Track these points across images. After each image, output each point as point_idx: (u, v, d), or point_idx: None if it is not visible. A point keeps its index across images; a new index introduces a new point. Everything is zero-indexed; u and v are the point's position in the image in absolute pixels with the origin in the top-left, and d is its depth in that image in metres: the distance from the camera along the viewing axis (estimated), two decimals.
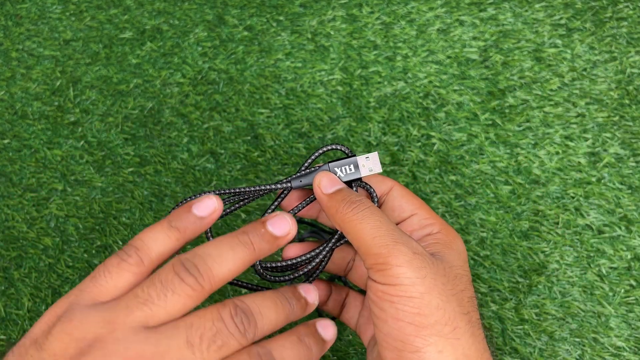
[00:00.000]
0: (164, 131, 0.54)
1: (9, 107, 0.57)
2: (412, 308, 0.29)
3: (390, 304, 0.29)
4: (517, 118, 0.52)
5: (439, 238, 0.33)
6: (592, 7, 0.56)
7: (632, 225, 0.49)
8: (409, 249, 0.29)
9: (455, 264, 0.31)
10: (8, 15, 0.60)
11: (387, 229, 0.30)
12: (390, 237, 0.30)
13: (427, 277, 0.29)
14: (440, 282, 0.29)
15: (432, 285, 0.29)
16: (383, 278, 0.29)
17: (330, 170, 0.34)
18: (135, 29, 0.58)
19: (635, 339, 0.46)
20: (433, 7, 0.57)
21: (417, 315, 0.28)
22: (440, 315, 0.29)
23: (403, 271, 0.29)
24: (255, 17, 0.58)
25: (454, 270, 0.31)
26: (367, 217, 0.31)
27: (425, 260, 0.30)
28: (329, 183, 0.33)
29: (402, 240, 0.30)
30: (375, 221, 0.30)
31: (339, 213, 0.32)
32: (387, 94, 0.54)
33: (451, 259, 0.31)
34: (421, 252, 0.30)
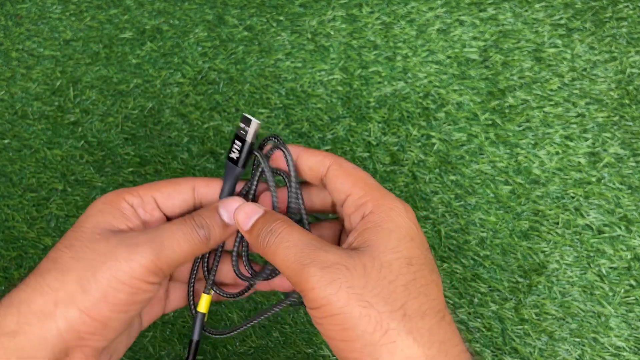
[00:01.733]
0: (164, 131, 0.54)
1: (9, 107, 0.57)
2: (337, 325, 0.27)
3: (321, 326, 0.28)
4: (517, 118, 0.52)
5: (369, 221, 0.30)
6: (592, 7, 0.56)
7: (632, 225, 0.49)
8: (317, 267, 0.27)
9: (384, 249, 0.28)
10: (8, 15, 0.60)
11: (295, 252, 0.29)
12: (298, 261, 0.28)
13: (341, 288, 0.27)
14: (358, 286, 0.27)
15: (348, 295, 0.27)
16: (307, 303, 0.28)
17: (239, 163, 0.35)
18: (135, 29, 0.59)
19: (635, 338, 0.46)
20: (433, 7, 0.57)
21: (344, 331, 0.27)
22: (366, 322, 0.27)
23: (316, 293, 0.27)
24: (255, 17, 0.58)
25: (380, 260, 0.28)
26: (278, 245, 0.29)
27: (337, 270, 0.27)
28: (245, 219, 0.32)
29: (310, 259, 0.28)
30: (284, 248, 0.29)
31: (259, 249, 0.31)
32: (387, 94, 0.54)
33: (379, 244, 0.28)
34: (332, 263, 0.28)
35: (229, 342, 0.48)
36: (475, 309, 0.47)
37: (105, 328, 0.30)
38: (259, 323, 0.48)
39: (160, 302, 0.37)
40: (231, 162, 0.35)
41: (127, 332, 0.35)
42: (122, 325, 0.31)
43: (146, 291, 0.31)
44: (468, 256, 0.49)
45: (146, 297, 0.31)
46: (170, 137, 0.54)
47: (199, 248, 0.32)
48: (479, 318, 0.47)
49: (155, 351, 0.48)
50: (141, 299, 0.31)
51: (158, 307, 0.37)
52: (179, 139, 0.54)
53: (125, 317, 0.31)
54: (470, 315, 0.47)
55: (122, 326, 0.31)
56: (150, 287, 0.31)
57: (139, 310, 0.32)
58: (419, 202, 0.50)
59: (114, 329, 0.31)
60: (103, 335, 0.30)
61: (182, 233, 0.32)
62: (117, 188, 0.52)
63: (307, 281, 0.27)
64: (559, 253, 0.48)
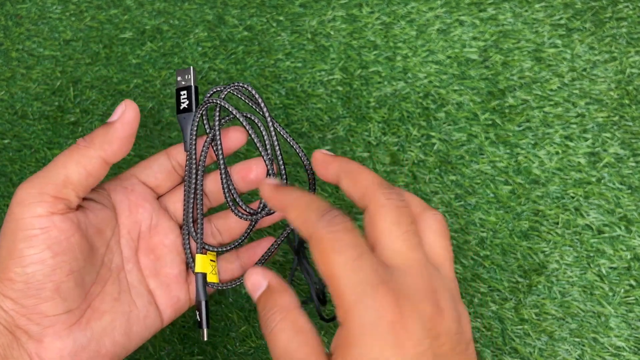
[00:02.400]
0: (164, 131, 0.54)
1: (9, 107, 0.57)
2: None
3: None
4: (517, 118, 0.52)
5: (338, 336, 0.26)
6: (592, 7, 0.56)
7: (632, 225, 0.49)
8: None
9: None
10: (8, 15, 0.61)
11: (287, 348, 0.27)
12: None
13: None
14: None
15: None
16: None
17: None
18: (136, 29, 0.59)
19: (635, 339, 0.46)
20: (433, 7, 0.57)
21: None
22: None
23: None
24: (255, 17, 0.58)
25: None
26: (278, 333, 0.28)
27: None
28: (253, 285, 0.31)
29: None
30: (282, 338, 0.27)
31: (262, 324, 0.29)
32: (387, 94, 0.54)
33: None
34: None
35: (229, 342, 0.48)
36: (475, 309, 0.47)
37: (31, 288, 0.29)
38: (259, 323, 0.48)
39: (181, 288, 0.36)
40: (183, 112, 0.36)
41: (122, 314, 0.33)
42: (61, 279, 0.30)
43: (45, 228, 0.30)
44: (468, 256, 0.49)
45: (54, 235, 0.30)
46: (170, 137, 0.54)
47: (84, 157, 0.32)
48: (478, 318, 0.47)
49: (155, 351, 0.48)
50: (50, 237, 0.30)
51: (180, 294, 0.36)
52: (179, 139, 0.54)
53: (46, 269, 0.30)
54: (470, 315, 0.47)
55: (64, 281, 0.30)
56: (44, 220, 0.30)
57: (70, 257, 0.30)
58: None
59: (52, 288, 0.30)
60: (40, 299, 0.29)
61: (62, 154, 0.32)
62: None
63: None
64: (558, 253, 0.48)
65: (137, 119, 0.34)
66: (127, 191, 0.36)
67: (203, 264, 0.36)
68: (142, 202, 0.36)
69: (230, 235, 0.39)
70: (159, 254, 0.36)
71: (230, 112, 0.36)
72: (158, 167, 0.37)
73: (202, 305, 0.36)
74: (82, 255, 0.31)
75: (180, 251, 0.37)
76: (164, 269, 0.36)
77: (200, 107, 0.36)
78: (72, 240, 0.31)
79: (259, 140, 0.36)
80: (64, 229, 0.30)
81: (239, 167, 0.37)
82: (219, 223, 0.39)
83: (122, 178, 0.37)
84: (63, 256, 0.30)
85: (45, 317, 0.30)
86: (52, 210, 0.30)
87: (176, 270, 0.37)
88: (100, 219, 0.34)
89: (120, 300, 0.34)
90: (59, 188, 0.31)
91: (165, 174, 0.37)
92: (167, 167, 0.37)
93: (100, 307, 0.33)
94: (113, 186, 0.36)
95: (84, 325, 0.32)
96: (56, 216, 0.30)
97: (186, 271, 0.37)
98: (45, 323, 0.30)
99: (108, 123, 0.33)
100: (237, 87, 0.36)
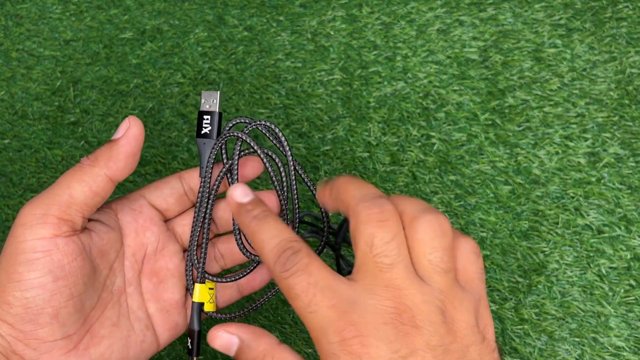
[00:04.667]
0: (164, 131, 0.54)
1: (9, 107, 0.57)
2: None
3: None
4: (516, 118, 0.52)
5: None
6: (592, 7, 0.56)
7: (631, 225, 0.49)
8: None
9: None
10: (8, 16, 0.61)
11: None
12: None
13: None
14: None
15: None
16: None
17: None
18: (136, 29, 0.59)
19: (634, 338, 0.46)
20: (433, 7, 0.57)
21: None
22: None
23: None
24: (255, 18, 0.58)
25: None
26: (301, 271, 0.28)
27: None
28: (225, 347, 0.32)
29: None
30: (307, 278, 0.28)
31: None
32: (387, 94, 0.54)
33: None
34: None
35: None
36: None
37: (31, 314, 0.28)
38: (259, 323, 0.49)
39: (180, 313, 0.36)
40: (204, 137, 0.36)
41: (120, 339, 0.33)
42: (60, 305, 0.29)
43: (48, 251, 0.29)
44: None
45: (58, 258, 0.29)
46: (170, 137, 0.54)
47: (88, 176, 0.31)
48: None
49: None
50: (52, 262, 0.29)
51: (178, 319, 0.36)
52: (179, 139, 0.54)
53: (46, 295, 0.29)
54: None
55: (62, 307, 0.29)
56: (47, 243, 0.29)
57: (69, 282, 0.30)
58: None
59: (50, 313, 0.29)
60: (37, 325, 0.29)
61: (66, 174, 0.31)
62: (117, 188, 0.52)
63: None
64: (558, 253, 0.48)
65: (142, 134, 0.33)
66: (136, 213, 0.35)
67: (202, 293, 0.36)
68: (149, 225, 0.35)
69: (233, 260, 0.39)
70: (162, 277, 0.36)
71: (252, 147, 0.35)
72: (170, 191, 0.36)
73: (195, 334, 0.36)
74: (84, 279, 0.31)
75: (183, 276, 0.37)
76: (165, 294, 0.36)
77: (221, 138, 0.35)
78: (74, 264, 0.30)
79: (277, 179, 0.36)
80: (67, 252, 0.30)
81: None
82: (222, 247, 0.38)
83: (130, 199, 0.36)
84: (64, 280, 0.29)
85: (43, 342, 0.29)
86: (56, 233, 0.29)
87: (177, 296, 0.36)
88: (106, 241, 0.33)
89: (119, 325, 0.33)
90: (64, 209, 0.30)
91: (176, 197, 0.36)
92: (179, 190, 0.36)
93: (99, 332, 0.32)
94: (120, 207, 0.35)
95: (82, 352, 0.31)
96: (60, 239, 0.29)
97: (185, 296, 0.37)
98: (43, 349, 0.29)
99: (112, 140, 0.33)
100: (263, 126, 0.35)
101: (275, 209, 0.36)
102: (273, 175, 0.36)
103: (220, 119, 0.36)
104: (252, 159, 0.37)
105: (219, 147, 0.36)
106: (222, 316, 0.38)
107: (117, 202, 0.35)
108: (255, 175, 0.37)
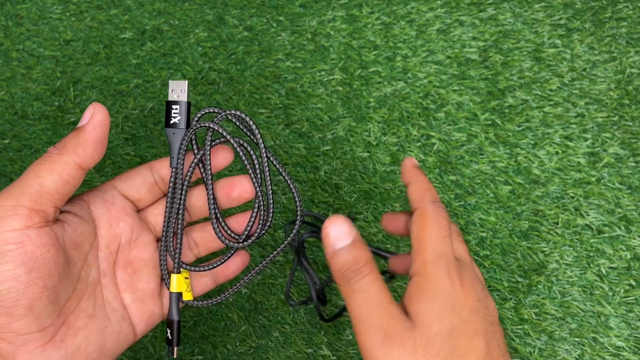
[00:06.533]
0: (164, 131, 0.55)
1: (10, 107, 0.57)
2: None
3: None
4: (516, 118, 0.52)
5: (414, 283, 0.31)
6: (592, 7, 0.56)
7: (631, 225, 0.49)
8: (381, 335, 0.29)
9: (429, 321, 0.29)
10: (8, 16, 0.61)
11: (368, 308, 0.30)
12: (368, 318, 0.30)
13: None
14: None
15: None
16: (362, 353, 0.30)
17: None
18: (136, 29, 0.59)
19: (634, 338, 0.46)
20: (433, 7, 0.57)
21: None
22: None
23: (373, 356, 0.29)
24: (255, 18, 0.58)
25: (427, 335, 0.29)
26: (358, 290, 0.31)
27: (394, 342, 0.29)
28: (337, 237, 0.33)
29: (378, 323, 0.29)
30: (363, 298, 0.30)
31: (340, 280, 0.32)
32: (387, 94, 0.54)
33: (424, 315, 0.29)
34: (393, 334, 0.29)
35: (229, 342, 0.48)
36: None
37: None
38: (259, 323, 0.49)
39: (155, 302, 0.36)
40: (173, 127, 0.36)
41: (96, 331, 0.33)
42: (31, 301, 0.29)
43: (20, 242, 0.29)
44: None
45: (29, 250, 0.29)
46: None
47: (57, 164, 0.31)
48: None
49: (155, 351, 0.48)
50: (26, 255, 0.29)
51: (154, 308, 0.36)
52: None
53: (20, 287, 0.28)
54: None
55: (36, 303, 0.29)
56: (19, 235, 0.28)
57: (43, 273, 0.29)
58: None
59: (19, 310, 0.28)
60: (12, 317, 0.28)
61: (34, 164, 0.31)
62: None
63: (368, 340, 0.29)
64: (558, 253, 0.48)
65: (107, 120, 0.32)
66: (108, 204, 0.35)
67: (178, 283, 0.36)
68: (122, 216, 0.35)
69: (207, 248, 0.39)
70: (137, 267, 0.36)
71: (224, 137, 0.36)
72: (141, 180, 0.36)
73: (174, 324, 0.36)
74: (58, 270, 0.30)
75: (157, 265, 0.37)
76: (140, 284, 0.36)
77: (192, 127, 0.36)
78: (47, 255, 0.29)
79: (250, 166, 0.36)
80: (39, 243, 0.29)
81: (222, 184, 0.37)
82: (196, 236, 0.38)
83: (102, 190, 0.35)
84: (38, 272, 0.29)
85: (18, 335, 0.29)
86: (28, 224, 0.29)
87: (152, 285, 0.36)
88: (79, 233, 0.33)
89: (95, 316, 0.33)
90: (35, 199, 0.29)
91: (147, 187, 0.36)
92: (149, 180, 0.36)
93: (75, 324, 0.32)
94: (92, 198, 0.35)
95: (59, 343, 0.31)
96: (32, 230, 0.29)
97: (160, 285, 0.37)
98: (18, 342, 0.29)
99: (78, 128, 0.32)
100: (233, 115, 0.36)
101: (250, 194, 0.37)
102: (247, 162, 0.36)
103: (189, 108, 0.36)
104: (222, 148, 0.37)
105: (189, 137, 0.36)
106: (201, 303, 0.38)
107: (89, 194, 0.35)
108: (226, 165, 0.37)
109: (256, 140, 0.36)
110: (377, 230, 0.50)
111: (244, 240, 0.37)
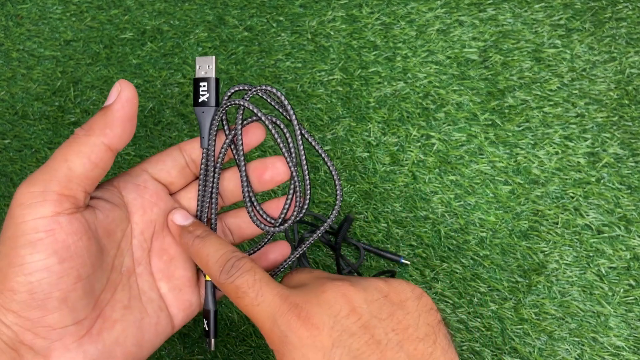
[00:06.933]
0: (164, 131, 0.55)
1: (10, 107, 0.57)
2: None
3: None
4: (516, 118, 0.53)
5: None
6: (592, 8, 0.56)
7: (631, 225, 0.49)
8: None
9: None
10: (9, 16, 0.61)
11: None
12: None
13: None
14: None
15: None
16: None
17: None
18: (136, 29, 0.59)
19: (634, 338, 0.46)
20: (433, 7, 0.57)
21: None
22: None
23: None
24: (256, 18, 0.58)
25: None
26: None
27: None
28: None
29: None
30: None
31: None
32: (387, 94, 0.54)
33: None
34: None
35: (229, 342, 0.48)
36: (474, 309, 0.47)
37: (36, 299, 0.27)
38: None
39: (193, 291, 0.35)
40: (202, 106, 0.34)
41: (133, 323, 0.31)
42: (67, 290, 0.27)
43: (51, 230, 0.27)
44: (468, 256, 0.49)
45: (61, 237, 0.27)
46: (170, 137, 0.54)
47: (85, 146, 0.29)
48: (478, 318, 0.47)
49: (155, 351, 0.48)
50: (56, 241, 0.27)
51: (192, 297, 0.34)
52: (179, 139, 0.54)
53: (55, 278, 0.27)
54: (470, 315, 0.47)
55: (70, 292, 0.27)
56: (49, 222, 0.27)
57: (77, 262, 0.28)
58: (419, 202, 0.50)
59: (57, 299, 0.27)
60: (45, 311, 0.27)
61: (61, 147, 0.29)
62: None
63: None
64: (558, 253, 0.48)
65: (135, 97, 0.30)
66: (140, 189, 0.33)
67: None
68: (156, 201, 0.33)
69: (241, 236, 0.37)
70: (173, 254, 0.34)
71: (255, 114, 0.34)
72: (172, 163, 0.34)
73: (211, 314, 0.34)
74: (91, 259, 0.28)
75: None
76: (177, 271, 0.34)
77: (222, 106, 0.34)
78: (80, 243, 0.28)
79: (284, 146, 0.34)
80: (71, 231, 0.27)
81: (254, 165, 0.35)
82: (229, 222, 0.36)
83: (132, 174, 0.33)
84: (71, 262, 0.27)
85: (53, 330, 0.27)
86: (58, 210, 0.27)
87: (189, 273, 0.34)
88: (111, 220, 0.31)
89: (130, 307, 0.31)
90: (64, 183, 0.27)
91: (178, 170, 0.34)
92: (180, 162, 0.34)
93: (111, 316, 0.30)
94: (123, 183, 0.33)
95: (95, 337, 0.29)
96: (62, 216, 0.27)
97: (197, 273, 0.35)
98: (53, 337, 0.27)
99: (105, 107, 0.30)
100: (264, 91, 0.34)
101: (283, 176, 0.35)
102: (280, 142, 0.34)
103: (217, 84, 0.34)
104: (254, 126, 0.35)
105: (220, 116, 0.34)
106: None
107: (119, 179, 0.33)
108: (258, 143, 0.35)
109: (289, 117, 0.34)
110: (377, 230, 0.50)
111: (281, 224, 0.35)
